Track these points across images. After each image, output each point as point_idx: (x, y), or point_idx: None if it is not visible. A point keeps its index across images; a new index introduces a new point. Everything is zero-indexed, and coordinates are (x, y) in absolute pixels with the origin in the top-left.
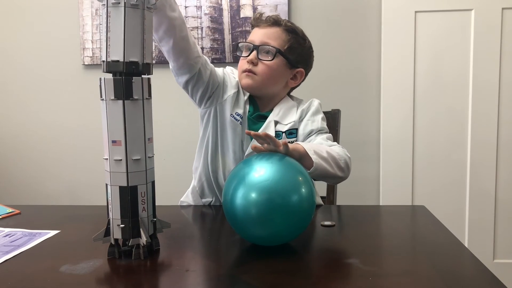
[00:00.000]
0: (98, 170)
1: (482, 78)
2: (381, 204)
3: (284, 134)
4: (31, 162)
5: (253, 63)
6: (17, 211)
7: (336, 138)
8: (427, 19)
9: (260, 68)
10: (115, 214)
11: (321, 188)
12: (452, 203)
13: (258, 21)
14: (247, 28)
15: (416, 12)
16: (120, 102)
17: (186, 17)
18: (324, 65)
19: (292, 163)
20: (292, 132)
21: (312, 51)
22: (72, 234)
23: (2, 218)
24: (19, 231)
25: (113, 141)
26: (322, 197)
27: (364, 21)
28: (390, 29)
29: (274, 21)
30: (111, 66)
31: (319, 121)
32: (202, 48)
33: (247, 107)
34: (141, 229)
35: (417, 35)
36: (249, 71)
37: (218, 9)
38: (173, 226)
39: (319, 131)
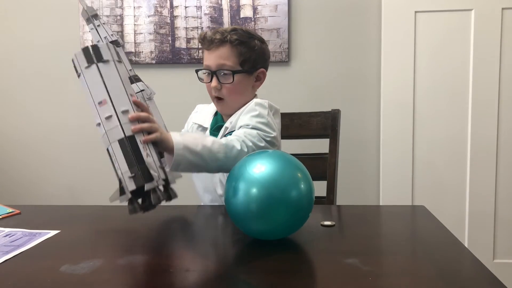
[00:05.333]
0: (98, 170)
1: (482, 78)
2: (381, 204)
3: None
4: (31, 162)
5: (218, 88)
6: (17, 211)
7: (336, 138)
8: (427, 19)
9: (224, 91)
10: (122, 168)
11: (321, 188)
12: (452, 203)
13: (205, 44)
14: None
15: (416, 12)
16: (94, 66)
17: (186, 17)
18: (324, 65)
19: (291, 160)
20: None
21: (264, 45)
22: (72, 234)
23: (2, 218)
24: (19, 231)
25: (99, 102)
26: (322, 197)
27: (364, 21)
28: (390, 29)
29: (220, 41)
30: None
31: (247, 119)
32: (202, 48)
33: (211, 120)
34: (151, 171)
35: (417, 35)
36: (217, 97)
37: (218, 9)
38: (173, 226)
39: (245, 126)
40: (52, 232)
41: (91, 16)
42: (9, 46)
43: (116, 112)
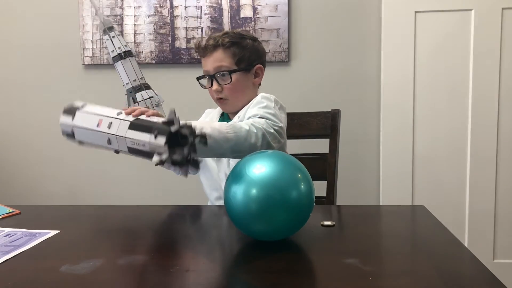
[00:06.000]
0: (98, 170)
1: (482, 78)
2: (381, 204)
3: None
4: (31, 162)
5: (219, 91)
6: (17, 211)
7: (336, 138)
8: (427, 19)
9: (226, 92)
10: (146, 138)
11: (321, 188)
12: (452, 203)
13: (200, 52)
14: (247, 28)
15: (416, 12)
16: (77, 113)
17: (186, 17)
18: (324, 65)
19: (291, 160)
20: None
21: (257, 43)
22: (72, 234)
23: (2, 218)
24: (19, 231)
25: (97, 125)
26: (322, 197)
27: (364, 21)
28: (390, 29)
29: (214, 46)
30: None
31: (255, 110)
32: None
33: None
34: (166, 125)
35: (417, 35)
36: (220, 99)
37: (218, 9)
38: (173, 226)
39: (253, 116)
40: (52, 232)
41: (107, 28)
42: (10, 46)
43: (113, 117)
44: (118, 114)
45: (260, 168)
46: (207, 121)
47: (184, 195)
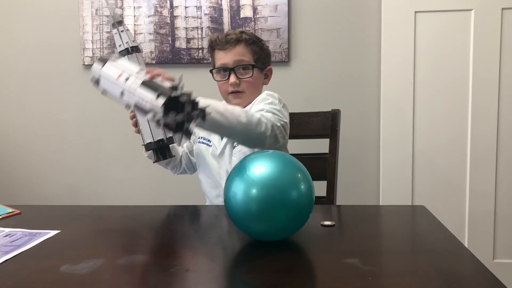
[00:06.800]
0: (98, 170)
1: (482, 78)
2: (381, 204)
3: None
4: (31, 162)
5: (236, 84)
6: (17, 211)
7: (336, 138)
8: (427, 19)
9: (244, 85)
10: (149, 98)
11: (321, 188)
12: (452, 203)
13: (219, 45)
14: (247, 28)
15: (416, 12)
16: (107, 63)
17: (186, 17)
18: (324, 65)
19: (292, 160)
20: None
21: (267, 45)
22: (72, 234)
23: (2, 218)
24: (19, 231)
25: (117, 77)
26: (322, 197)
27: (364, 21)
28: (390, 29)
29: (236, 40)
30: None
31: (260, 105)
32: (202, 48)
33: None
34: (170, 89)
35: (417, 35)
36: (236, 92)
37: (218, 9)
38: (173, 226)
39: (260, 111)
40: (52, 232)
41: (116, 22)
42: (9, 46)
43: (132, 73)
44: (138, 72)
45: (260, 168)
46: (223, 102)
47: (184, 195)
